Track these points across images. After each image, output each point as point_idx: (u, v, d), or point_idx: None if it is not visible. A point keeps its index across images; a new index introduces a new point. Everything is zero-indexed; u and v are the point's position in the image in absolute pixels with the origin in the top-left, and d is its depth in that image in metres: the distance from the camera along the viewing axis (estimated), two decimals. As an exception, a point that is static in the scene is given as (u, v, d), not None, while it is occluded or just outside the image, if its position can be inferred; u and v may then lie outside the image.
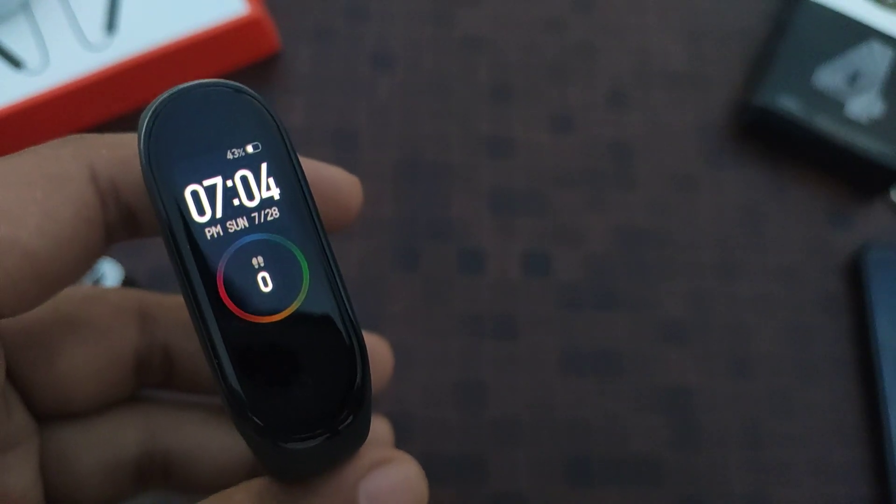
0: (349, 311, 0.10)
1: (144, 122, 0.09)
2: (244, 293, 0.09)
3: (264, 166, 0.09)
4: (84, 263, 0.12)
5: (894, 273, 0.30)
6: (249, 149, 0.09)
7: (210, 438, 0.16)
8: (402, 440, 0.28)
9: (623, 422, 0.29)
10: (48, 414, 0.15)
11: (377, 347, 0.20)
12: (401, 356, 0.30)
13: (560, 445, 0.28)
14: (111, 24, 0.32)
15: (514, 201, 0.32)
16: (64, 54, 0.31)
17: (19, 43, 0.32)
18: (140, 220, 0.14)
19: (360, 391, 0.09)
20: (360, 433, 0.11)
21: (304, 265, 0.09)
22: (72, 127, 0.33)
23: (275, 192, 0.09)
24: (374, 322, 0.30)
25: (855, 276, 0.31)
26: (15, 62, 0.31)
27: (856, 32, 0.33)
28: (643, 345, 0.30)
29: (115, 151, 0.13)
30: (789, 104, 0.32)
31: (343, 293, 0.10)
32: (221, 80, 0.10)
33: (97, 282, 0.29)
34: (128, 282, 0.29)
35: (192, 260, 0.09)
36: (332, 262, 0.09)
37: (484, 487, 0.28)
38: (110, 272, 0.29)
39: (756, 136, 0.33)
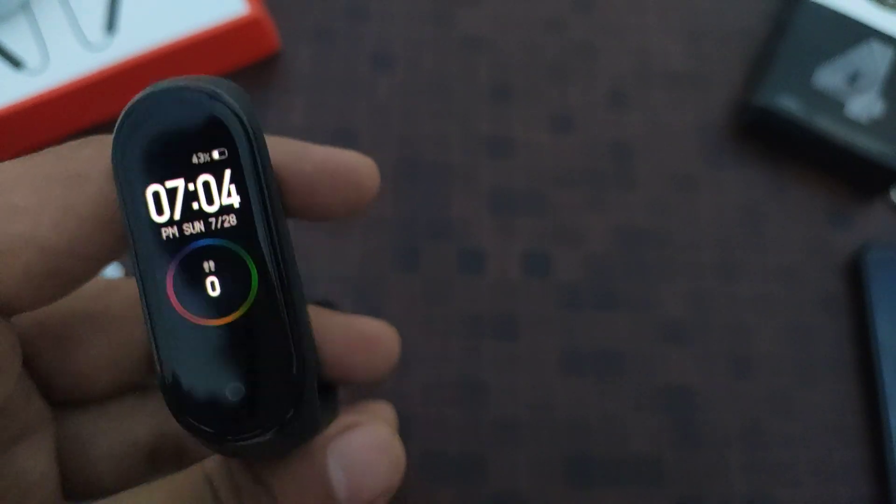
0: (294, 319, 0.10)
1: (119, 119, 0.10)
2: (192, 295, 0.09)
3: (227, 173, 0.09)
4: (100, 262, 0.12)
5: (894, 273, 0.30)
6: (216, 154, 0.09)
7: None
8: (403, 440, 0.28)
9: (623, 422, 0.29)
10: (64, 401, 0.15)
11: (383, 334, 0.20)
12: (401, 356, 0.30)
13: (560, 445, 0.28)
14: (111, 24, 0.32)
15: (514, 201, 0.32)
16: (64, 54, 0.31)
17: (19, 43, 0.32)
18: None
19: (298, 387, 0.09)
20: (307, 426, 0.11)
21: (255, 273, 0.09)
22: (72, 127, 0.33)
23: (235, 200, 0.09)
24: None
25: (855, 276, 0.31)
26: (15, 62, 0.31)
27: (856, 32, 0.33)
28: (643, 345, 0.30)
29: None
30: (789, 104, 0.32)
31: (291, 303, 0.10)
32: (201, 82, 0.10)
33: (97, 282, 0.29)
34: (128, 282, 0.29)
35: (145, 258, 0.09)
36: (284, 272, 0.09)
37: (484, 487, 0.28)
38: (110, 270, 0.29)
39: (756, 136, 0.33)
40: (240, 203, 0.09)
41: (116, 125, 0.10)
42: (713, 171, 0.33)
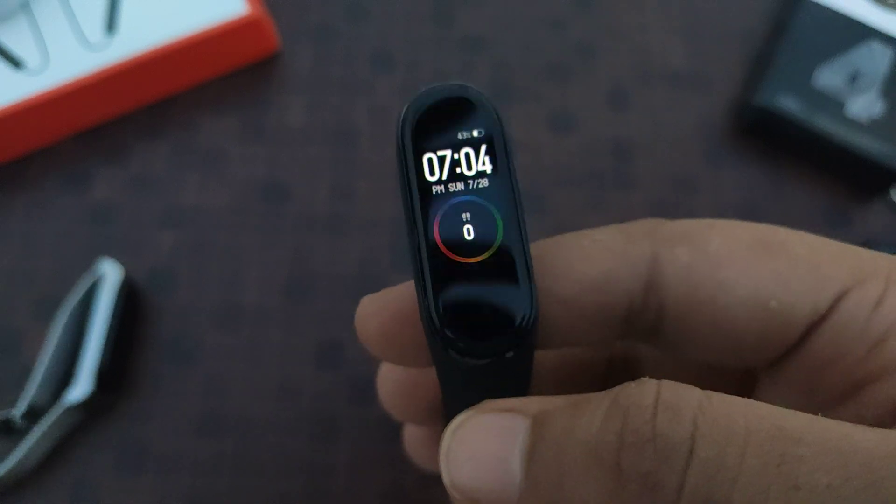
0: (528, 265, 0.12)
1: (405, 106, 0.13)
2: (452, 237, 0.12)
3: (483, 147, 0.12)
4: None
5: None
6: (475, 133, 0.12)
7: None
8: (401, 440, 0.28)
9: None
10: None
11: None
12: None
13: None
14: (111, 24, 0.32)
15: (514, 201, 0.32)
16: (64, 54, 0.31)
17: (19, 43, 0.32)
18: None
19: (526, 329, 0.12)
20: (521, 368, 0.13)
21: (500, 224, 0.12)
22: (72, 127, 0.33)
23: (487, 168, 0.12)
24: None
25: (855, 276, 0.31)
26: (15, 62, 0.31)
27: (856, 32, 0.33)
28: (643, 345, 0.30)
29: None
30: (789, 104, 0.32)
31: (526, 251, 0.12)
32: (461, 83, 0.13)
33: (96, 282, 0.29)
34: (128, 282, 0.29)
35: (419, 208, 0.12)
36: (521, 225, 0.12)
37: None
38: (110, 272, 0.29)
39: (756, 136, 0.33)
40: (491, 170, 0.12)
41: (403, 110, 0.12)
42: (713, 171, 0.33)
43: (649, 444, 0.10)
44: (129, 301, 0.29)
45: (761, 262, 0.13)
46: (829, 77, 0.32)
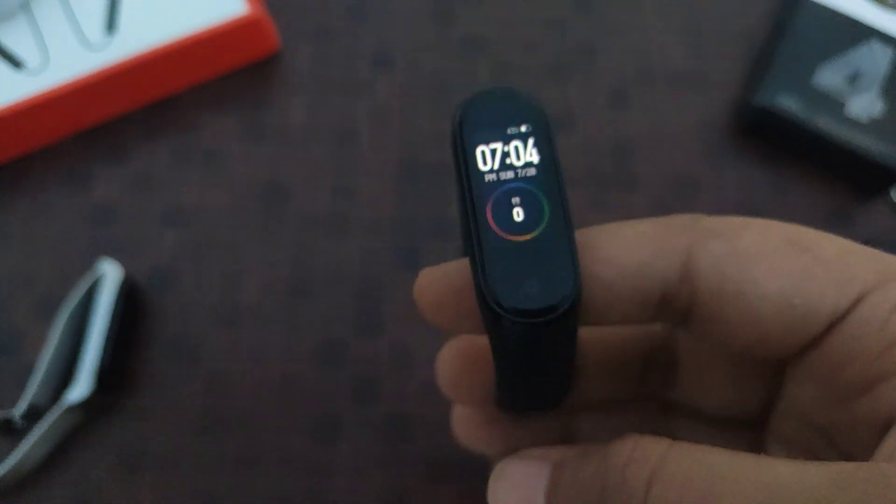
0: (572, 245, 0.14)
1: (461, 105, 0.14)
2: (503, 219, 0.13)
3: (531, 140, 0.14)
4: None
5: (894, 273, 0.30)
6: (523, 128, 0.14)
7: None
8: (403, 440, 0.28)
9: (623, 422, 0.29)
10: None
11: None
12: (401, 356, 0.30)
13: (560, 445, 0.28)
14: (111, 24, 0.32)
15: (515, 201, 0.32)
16: (64, 54, 0.31)
17: (19, 43, 0.32)
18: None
19: (570, 304, 0.13)
20: (566, 342, 0.15)
21: (547, 208, 0.14)
22: (72, 127, 0.32)
23: (535, 159, 0.14)
24: (374, 321, 0.30)
25: (855, 275, 0.31)
26: (15, 62, 0.31)
27: (856, 32, 0.33)
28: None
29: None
30: (789, 104, 0.32)
31: (569, 232, 0.14)
32: (509, 85, 0.15)
33: (97, 282, 0.29)
34: (128, 282, 0.29)
35: (474, 193, 0.14)
36: (565, 209, 0.14)
37: (484, 487, 0.28)
38: (110, 272, 0.29)
39: (756, 136, 0.33)
40: (538, 161, 0.14)
41: (459, 109, 0.14)
42: (713, 171, 0.33)
43: (619, 489, 0.13)
44: (130, 301, 0.29)
45: (791, 259, 0.14)
46: (829, 77, 0.32)
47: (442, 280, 0.16)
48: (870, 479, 0.11)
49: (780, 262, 0.14)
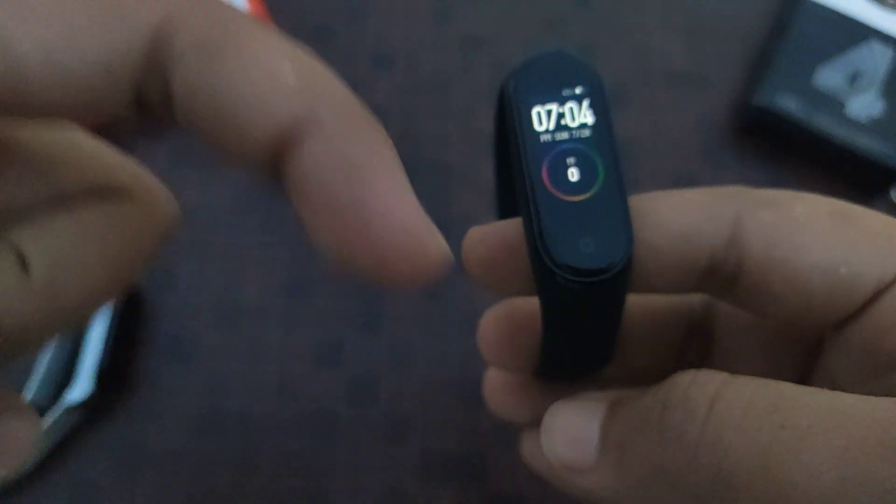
0: (625, 206, 0.14)
1: (516, 68, 0.14)
2: (559, 179, 0.14)
3: (585, 102, 0.14)
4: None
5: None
6: (578, 90, 0.14)
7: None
8: (403, 440, 0.28)
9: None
10: None
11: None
12: (400, 356, 0.30)
13: (560, 445, 0.28)
14: (111, 23, 0.32)
15: (514, 201, 0.32)
16: (64, 54, 0.31)
17: (19, 43, 0.32)
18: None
19: (621, 264, 0.13)
20: (615, 302, 0.15)
21: (601, 169, 0.14)
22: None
23: (589, 120, 0.14)
24: (374, 322, 0.30)
25: (855, 275, 0.31)
26: (15, 62, 0.31)
27: (856, 32, 0.33)
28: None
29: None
30: (789, 104, 0.32)
31: (622, 194, 0.14)
32: (564, 48, 0.14)
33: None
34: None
35: (530, 153, 0.14)
36: (619, 170, 0.14)
37: (484, 487, 0.28)
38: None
39: (756, 136, 0.33)
40: (592, 122, 0.14)
41: (517, 69, 0.14)
42: (713, 171, 0.33)
43: (682, 404, 0.13)
44: (129, 301, 0.29)
45: (838, 230, 0.14)
46: (829, 77, 0.32)
47: (493, 237, 0.16)
48: None
49: (828, 232, 0.14)
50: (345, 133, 0.13)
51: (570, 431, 0.15)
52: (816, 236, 0.14)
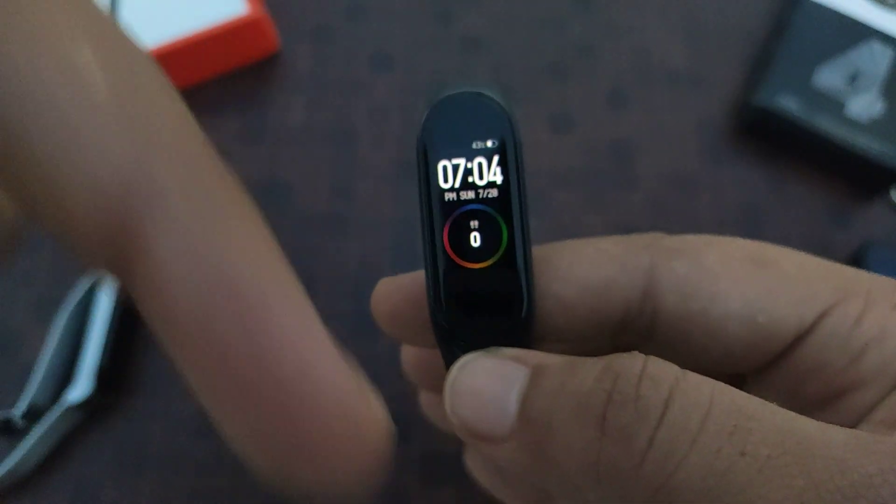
0: (528, 272, 0.13)
1: (424, 112, 0.13)
2: (461, 243, 0.13)
3: (495, 158, 0.13)
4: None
5: (894, 273, 0.30)
6: (489, 143, 0.13)
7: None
8: (403, 440, 0.28)
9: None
10: None
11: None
12: (399, 356, 0.30)
13: (560, 445, 0.28)
14: (111, 24, 0.32)
15: (514, 201, 0.32)
16: (64, 54, 0.31)
17: (19, 43, 0.32)
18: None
19: (520, 329, 0.13)
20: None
21: (505, 234, 0.13)
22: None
23: (498, 178, 0.13)
24: (372, 322, 0.30)
25: (855, 275, 0.31)
26: (15, 62, 0.31)
27: (856, 32, 0.33)
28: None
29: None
30: (789, 104, 0.32)
31: (528, 259, 0.13)
32: (479, 89, 0.13)
33: (96, 282, 0.29)
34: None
35: (434, 212, 0.13)
36: (525, 235, 0.13)
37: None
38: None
39: (756, 136, 0.33)
40: (500, 181, 0.13)
41: (425, 115, 0.13)
42: (713, 171, 0.33)
43: (632, 403, 0.12)
44: (129, 301, 0.29)
45: (753, 277, 0.14)
46: (829, 77, 0.32)
47: (399, 292, 0.15)
48: (888, 451, 0.11)
49: (743, 279, 0.14)
50: (197, 209, 0.08)
51: (481, 396, 0.13)
52: (732, 285, 0.14)
